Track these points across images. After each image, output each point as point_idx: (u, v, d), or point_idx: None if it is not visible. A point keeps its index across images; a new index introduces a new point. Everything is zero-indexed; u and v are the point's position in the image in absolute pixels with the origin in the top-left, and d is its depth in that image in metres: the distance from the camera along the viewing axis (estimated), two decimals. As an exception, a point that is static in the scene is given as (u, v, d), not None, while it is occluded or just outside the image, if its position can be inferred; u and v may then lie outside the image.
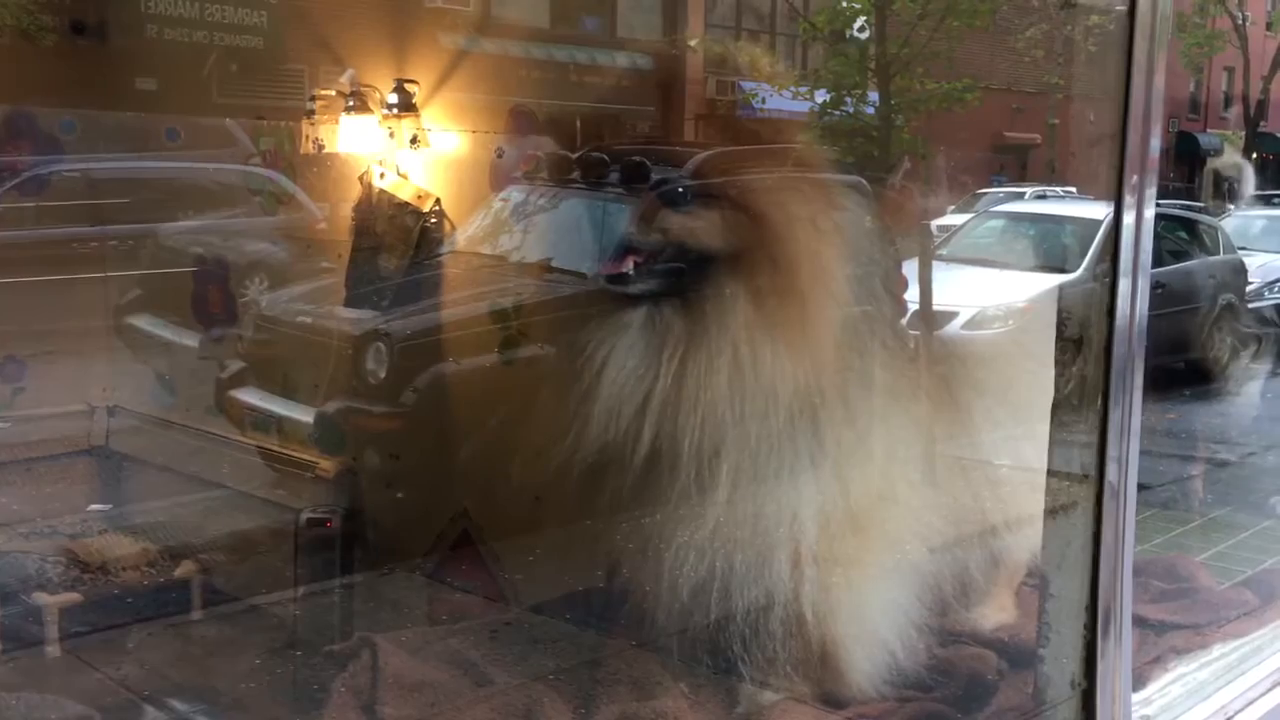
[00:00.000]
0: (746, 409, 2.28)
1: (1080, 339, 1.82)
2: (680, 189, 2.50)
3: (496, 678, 2.43)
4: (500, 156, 3.57)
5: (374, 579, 2.93)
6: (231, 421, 3.84)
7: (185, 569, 2.81)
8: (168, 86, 3.73)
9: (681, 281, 2.39)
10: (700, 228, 2.39)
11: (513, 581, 2.87)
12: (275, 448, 3.63)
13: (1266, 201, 24.79)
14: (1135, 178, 1.74)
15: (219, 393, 3.94)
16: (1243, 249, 12.79)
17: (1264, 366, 10.75)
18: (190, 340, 4.06)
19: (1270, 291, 12.84)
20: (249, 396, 3.87)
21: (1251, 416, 8.21)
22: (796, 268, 2.36)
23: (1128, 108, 1.72)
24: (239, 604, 2.80)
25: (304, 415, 3.60)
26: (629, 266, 2.40)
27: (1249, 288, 12.26)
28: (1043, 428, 2.47)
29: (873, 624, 2.35)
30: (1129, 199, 1.74)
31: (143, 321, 4.19)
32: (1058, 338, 1.87)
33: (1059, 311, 1.89)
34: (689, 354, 2.32)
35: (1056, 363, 1.88)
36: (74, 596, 2.60)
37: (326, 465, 3.34)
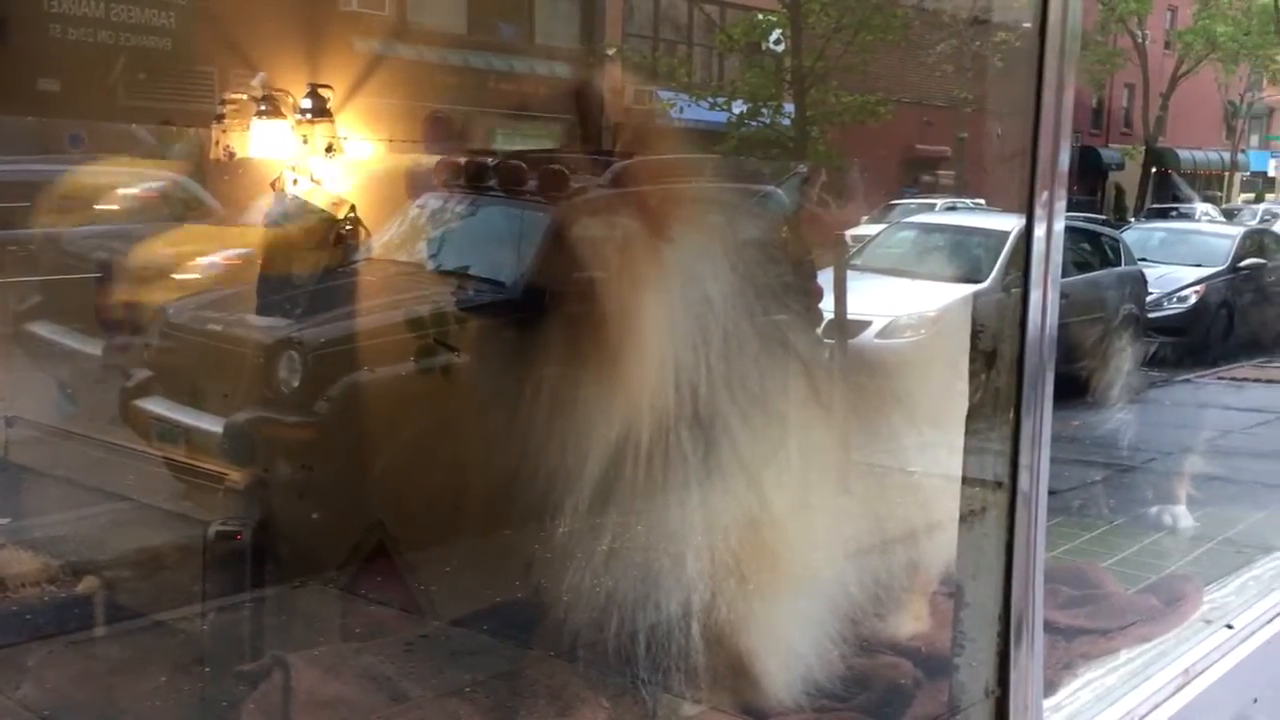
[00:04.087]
0: (657, 419, 2.28)
1: (994, 351, 1.86)
2: (591, 199, 2.50)
3: (412, 692, 2.40)
4: (417, 165, 3.54)
5: (286, 593, 2.87)
6: (137, 432, 3.76)
7: (88, 584, 2.73)
8: (71, 88, 3.63)
9: (585, 295, 2.38)
10: (606, 239, 2.39)
11: (429, 594, 2.83)
12: (183, 459, 3.56)
13: (1164, 215, 25.63)
14: (1045, 192, 1.78)
15: (123, 402, 3.85)
16: (1143, 260, 13.20)
17: (1163, 375, 11.10)
18: (93, 348, 3.96)
19: (1169, 302, 13.28)
20: (155, 406, 3.79)
21: (1152, 424, 8.46)
22: (705, 277, 2.37)
23: (1038, 124, 1.76)
24: (144, 620, 2.73)
25: (213, 425, 3.53)
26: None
27: (1149, 298, 12.66)
28: (952, 436, 2.52)
29: (789, 635, 2.36)
30: (1040, 212, 1.78)
31: (43, 329, 4.07)
32: (971, 349, 1.90)
33: (973, 324, 1.93)
34: (597, 364, 2.31)
35: (970, 374, 1.92)
36: (-31, 615, 2.51)
37: (237, 476, 3.28)
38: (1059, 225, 1.82)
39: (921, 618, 2.72)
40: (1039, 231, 1.80)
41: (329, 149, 3.34)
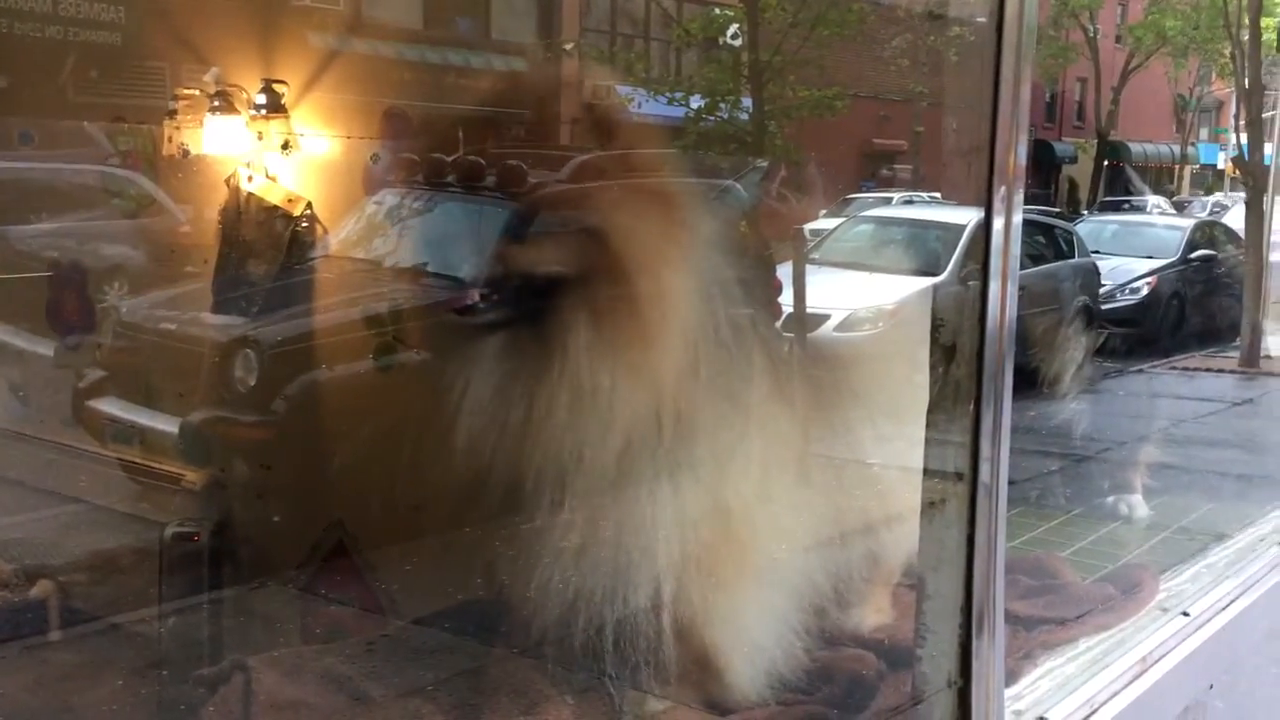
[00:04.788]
0: (619, 413, 2.27)
1: (954, 344, 1.87)
2: (519, 212, 2.49)
3: (373, 692, 2.38)
4: (375, 162, 3.51)
5: (245, 594, 2.84)
6: (90, 433, 3.70)
7: (42, 588, 2.69)
8: (19, 84, 3.57)
9: (527, 303, 2.37)
10: (538, 251, 2.38)
11: (390, 593, 2.81)
12: (138, 459, 3.51)
13: (1117, 207, 25.96)
14: (1004, 186, 1.80)
15: (76, 403, 3.79)
16: (1096, 253, 13.37)
17: (1117, 365, 11.25)
18: (45, 348, 3.89)
19: (1122, 293, 13.45)
20: (109, 407, 3.73)
21: (1105, 414, 8.58)
22: (673, 272, 2.37)
23: (996, 119, 1.78)
24: (100, 624, 2.69)
25: (168, 425, 3.48)
26: (473, 300, 2.37)
27: (1102, 289, 12.83)
28: (911, 428, 2.53)
29: (753, 628, 2.37)
30: (998, 205, 1.79)
31: (-8, 329, 4.00)
32: (932, 343, 1.91)
33: (933, 317, 1.94)
34: (562, 361, 2.31)
35: (930, 367, 1.93)
36: (-80, 621, 2.46)
37: (193, 477, 3.24)
38: (1017, 218, 1.84)
39: (884, 610, 2.74)
40: (997, 225, 1.81)
41: (285, 145, 3.30)
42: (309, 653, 2.56)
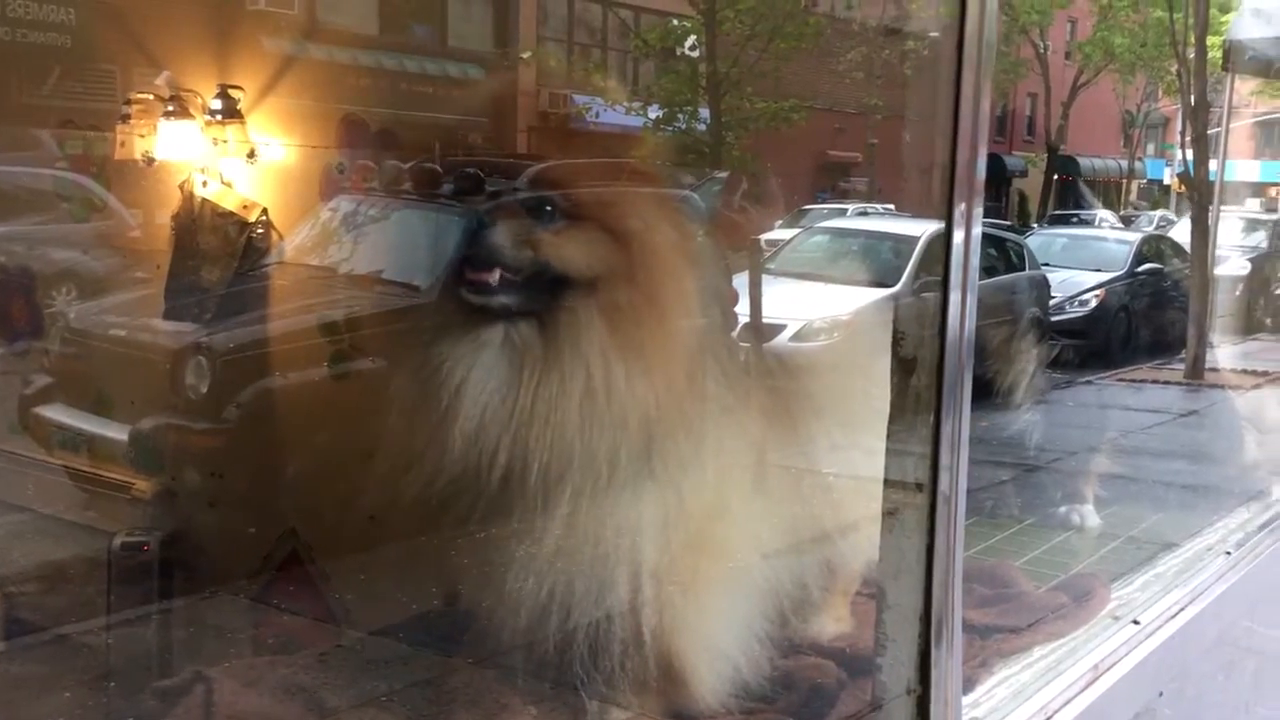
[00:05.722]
0: (592, 426, 2.27)
1: (914, 356, 1.88)
2: (548, 204, 2.46)
3: (328, 703, 2.36)
4: (341, 172, 3.49)
5: (196, 604, 2.80)
6: (37, 440, 3.64)
7: (-13, 599, 2.64)
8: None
9: (540, 298, 2.35)
10: (567, 244, 2.36)
11: (344, 603, 2.79)
12: (86, 468, 3.46)
13: (1066, 221, 26.32)
14: (964, 201, 1.82)
15: (22, 410, 3.73)
16: (1046, 265, 13.55)
17: (1065, 376, 11.39)
18: (-10, 355, 3.83)
19: (1071, 305, 13.63)
20: (56, 414, 3.67)
21: (1055, 424, 8.67)
22: (653, 284, 2.37)
23: (956, 133, 1.79)
24: (47, 635, 2.64)
25: (118, 433, 3.43)
26: (494, 279, 2.33)
27: (1052, 301, 13.00)
28: (865, 437, 2.54)
29: (715, 637, 2.37)
30: (958, 218, 1.81)
31: (-65, 335, 3.93)
32: (893, 355, 1.93)
33: (894, 329, 1.95)
34: (541, 372, 2.29)
35: (892, 377, 1.94)
36: None
37: (143, 486, 3.19)
38: (976, 230, 1.86)
39: (843, 619, 2.75)
40: (957, 238, 1.83)
41: (251, 154, 3.26)
42: (259, 661, 2.53)
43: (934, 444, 1.83)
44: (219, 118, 3.27)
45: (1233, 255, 15.04)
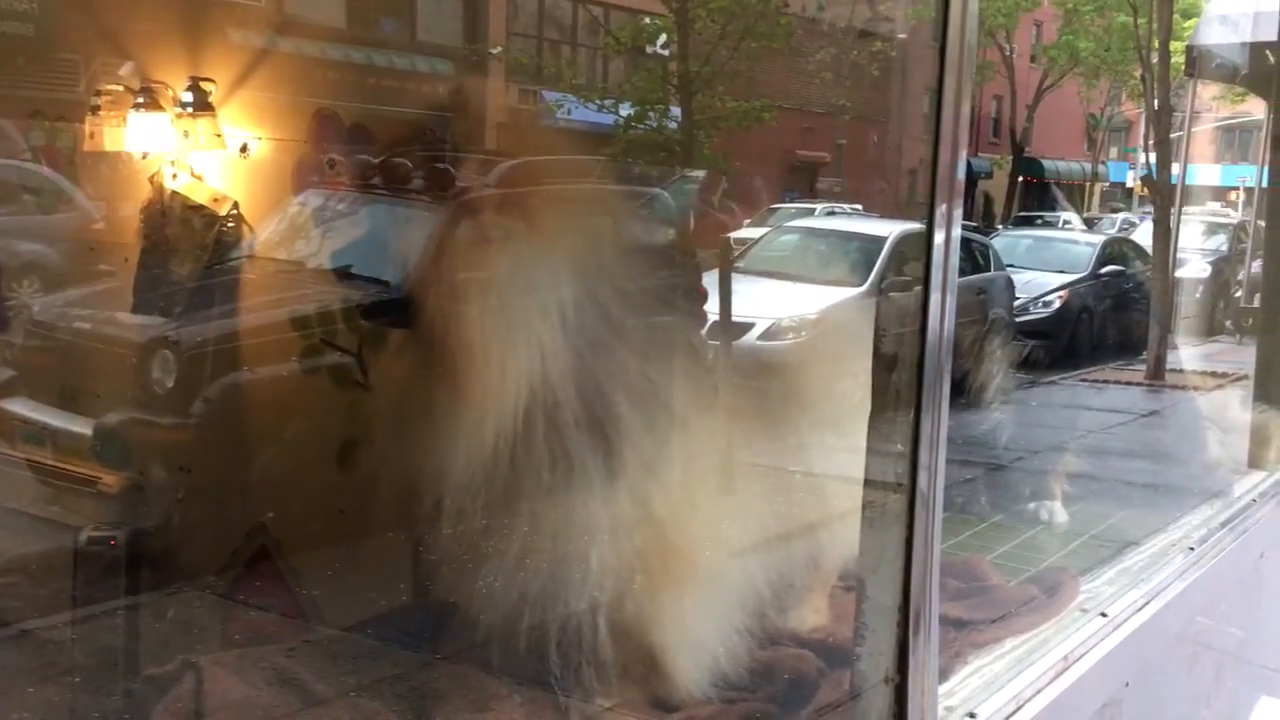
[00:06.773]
0: (554, 420, 2.27)
1: (895, 354, 1.91)
2: (476, 199, 2.47)
3: (291, 699, 2.34)
4: (332, 167, 3.46)
5: (162, 599, 2.77)
6: (0, 434, 3.60)
7: (-52, 595, 2.60)
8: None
9: (474, 295, 2.35)
10: (496, 241, 2.37)
11: (313, 598, 2.77)
12: (50, 462, 3.42)
13: (1030, 222, 26.55)
14: (944, 202, 1.84)
15: (-15, 404, 3.69)
16: (1010, 266, 13.65)
17: (1029, 376, 11.49)
18: (-49, 348, 3.78)
19: (1035, 306, 13.75)
20: (19, 407, 3.63)
21: (1020, 423, 8.75)
22: (593, 278, 2.37)
23: (938, 136, 1.82)
24: (10, 630, 2.61)
25: (83, 427, 3.39)
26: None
27: (1017, 302, 13.11)
28: (832, 435, 2.56)
29: (697, 629, 2.38)
30: (939, 219, 1.83)
31: (-104, 329, 3.87)
32: (874, 354, 1.95)
33: (875, 330, 1.97)
34: (488, 363, 2.29)
35: (873, 376, 1.96)
36: None
37: (110, 480, 3.16)
38: (956, 231, 1.88)
39: (820, 611, 2.77)
40: (938, 238, 1.85)
41: (244, 149, 3.23)
42: (226, 656, 2.51)
43: (913, 442, 1.85)
44: (189, 110, 3.24)
45: (1194, 258, 15.24)
